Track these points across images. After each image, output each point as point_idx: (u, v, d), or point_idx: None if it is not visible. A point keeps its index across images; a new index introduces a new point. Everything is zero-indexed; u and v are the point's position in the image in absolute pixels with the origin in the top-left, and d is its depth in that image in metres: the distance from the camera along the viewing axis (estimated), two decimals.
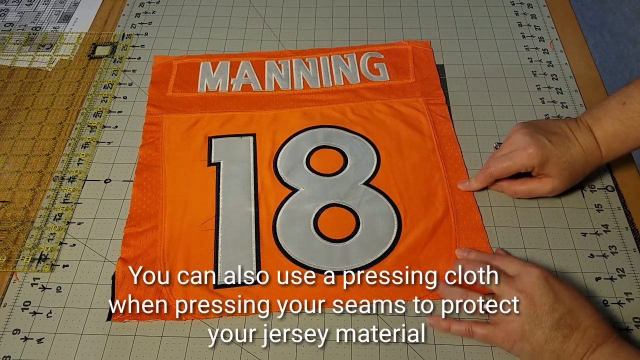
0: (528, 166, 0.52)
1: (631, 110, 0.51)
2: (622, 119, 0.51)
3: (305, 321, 0.49)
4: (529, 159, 0.52)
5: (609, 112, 0.52)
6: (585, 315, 0.43)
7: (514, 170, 0.53)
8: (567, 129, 0.53)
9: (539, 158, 0.51)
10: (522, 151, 0.52)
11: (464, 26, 0.75)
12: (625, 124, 0.51)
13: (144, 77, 0.69)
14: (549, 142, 0.51)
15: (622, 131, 0.52)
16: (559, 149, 0.51)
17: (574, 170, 0.52)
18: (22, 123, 0.64)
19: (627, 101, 0.51)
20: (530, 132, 0.53)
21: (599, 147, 0.52)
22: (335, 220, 0.54)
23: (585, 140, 0.52)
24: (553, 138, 0.52)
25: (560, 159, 0.52)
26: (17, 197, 0.58)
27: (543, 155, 0.51)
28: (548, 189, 0.53)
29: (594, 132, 0.52)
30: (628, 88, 0.52)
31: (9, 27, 0.76)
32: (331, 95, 0.66)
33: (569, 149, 0.52)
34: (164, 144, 0.61)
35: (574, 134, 0.52)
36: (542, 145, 0.51)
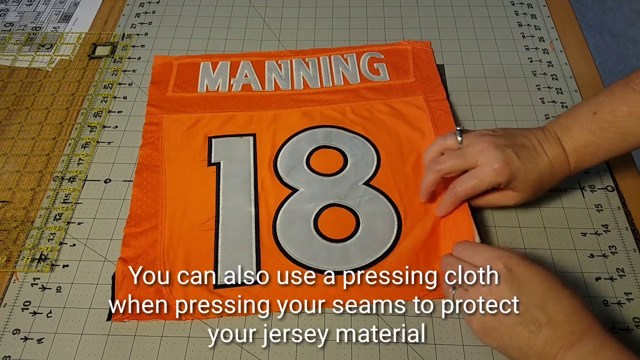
0: (495, 184, 0.50)
1: (603, 121, 0.49)
2: (594, 129, 0.49)
3: (305, 321, 0.49)
4: (497, 177, 0.49)
5: (579, 122, 0.50)
6: (559, 309, 0.40)
7: (481, 190, 0.50)
8: (536, 141, 0.50)
9: (506, 176, 0.49)
10: (489, 168, 0.49)
11: (464, 26, 0.75)
12: (596, 134, 0.49)
13: (144, 77, 0.69)
14: (517, 158, 0.49)
15: (593, 142, 0.49)
16: (527, 166, 0.49)
17: (540, 185, 0.50)
18: (22, 123, 0.64)
19: (598, 111, 0.49)
20: (499, 145, 0.49)
21: (567, 159, 0.50)
22: (335, 220, 0.54)
23: (554, 153, 0.50)
24: (521, 153, 0.49)
25: (527, 176, 0.49)
26: (17, 197, 0.58)
27: (511, 172, 0.49)
28: (510, 203, 0.52)
29: (563, 144, 0.50)
30: (599, 97, 0.50)
31: (9, 27, 0.76)
32: (331, 95, 0.66)
33: (537, 165, 0.49)
34: (164, 144, 0.61)
35: (542, 146, 0.50)
36: (510, 162, 0.49)
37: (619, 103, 0.49)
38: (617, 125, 0.49)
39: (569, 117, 0.51)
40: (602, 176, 0.58)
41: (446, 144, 0.53)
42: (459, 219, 0.53)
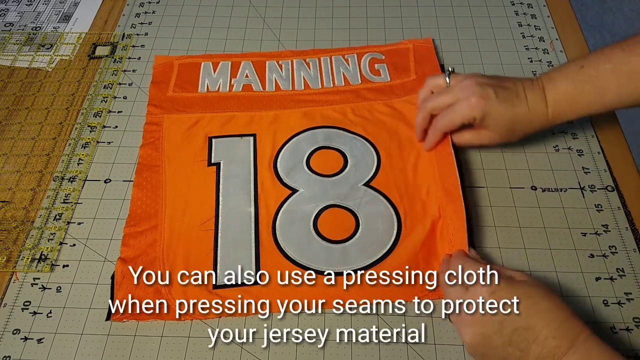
0: (470, 117, 0.52)
1: (586, 74, 0.50)
2: (576, 82, 0.51)
3: (305, 321, 0.49)
4: (470, 109, 0.51)
5: (565, 73, 0.52)
6: (543, 323, 0.40)
7: (458, 123, 0.54)
8: (521, 87, 0.53)
9: (480, 111, 0.51)
10: (465, 101, 0.52)
11: (464, 26, 0.75)
12: (577, 87, 0.51)
13: (144, 77, 0.69)
14: (495, 96, 0.51)
15: (573, 94, 0.51)
16: (503, 105, 0.51)
17: (513, 128, 0.52)
18: (22, 123, 0.64)
19: (585, 65, 0.51)
20: (480, 82, 0.52)
21: (547, 108, 0.51)
22: (335, 221, 0.54)
23: (535, 99, 0.51)
24: (501, 93, 0.51)
25: (501, 115, 0.51)
26: (17, 197, 0.58)
27: (485, 108, 0.51)
28: (484, 142, 0.54)
29: (546, 93, 0.52)
30: (590, 54, 0.52)
31: (9, 27, 0.76)
32: (332, 95, 0.66)
33: (513, 106, 0.51)
34: (164, 143, 0.61)
35: (525, 92, 0.52)
36: (486, 97, 0.51)
37: (604, 59, 0.50)
38: (597, 80, 0.50)
39: (558, 70, 0.53)
40: (602, 176, 0.58)
41: (436, 83, 0.57)
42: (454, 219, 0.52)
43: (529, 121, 0.52)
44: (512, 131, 0.53)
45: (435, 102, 0.55)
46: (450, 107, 0.54)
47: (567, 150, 0.61)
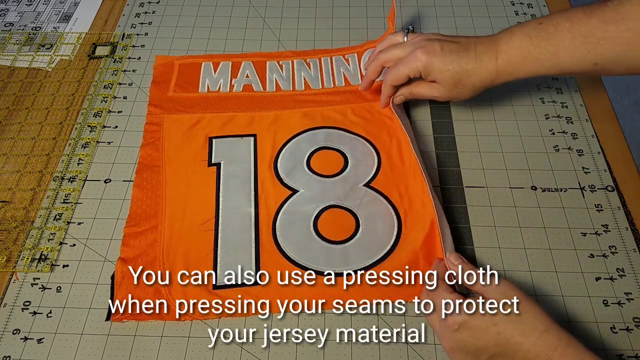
0: (415, 69, 0.53)
1: (543, 30, 0.50)
2: (532, 36, 0.51)
3: (305, 321, 0.49)
4: (415, 61, 0.53)
5: (523, 27, 0.52)
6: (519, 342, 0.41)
7: (405, 74, 0.55)
8: (472, 41, 0.53)
9: (423, 62, 0.52)
10: (412, 54, 0.54)
11: (464, 26, 0.75)
12: (532, 41, 0.51)
13: (144, 77, 0.69)
14: (440, 49, 0.52)
15: (526, 47, 0.51)
16: (447, 57, 0.52)
17: (459, 80, 0.53)
18: (22, 123, 0.64)
19: (544, 22, 0.51)
20: (430, 37, 0.54)
21: (496, 60, 0.51)
22: (335, 221, 0.54)
23: (484, 52, 0.52)
24: (447, 46, 0.52)
25: (445, 66, 0.52)
26: (17, 197, 0.58)
27: (428, 59, 0.52)
28: (435, 94, 0.56)
29: (499, 46, 0.52)
30: (552, 13, 0.52)
31: (9, 27, 0.76)
32: (332, 96, 0.66)
33: (459, 59, 0.52)
34: (165, 144, 0.61)
35: (476, 45, 0.52)
36: (430, 50, 0.52)
37: (564, 19, 0.50)
38: (554, 38, 0.50)
39: (518, 25, 0.53)
40: (602, 176, 0.58)
41: (394, 39, 0.59)
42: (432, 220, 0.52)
43: (476, 74, 0.52)
44: (460, 84, 0.53)
45: (387, 54, 0.57)
46: (400, 60, 0.55)
47: (567, 150, 0.61)
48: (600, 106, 0.65)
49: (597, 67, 0.49)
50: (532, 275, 0.51)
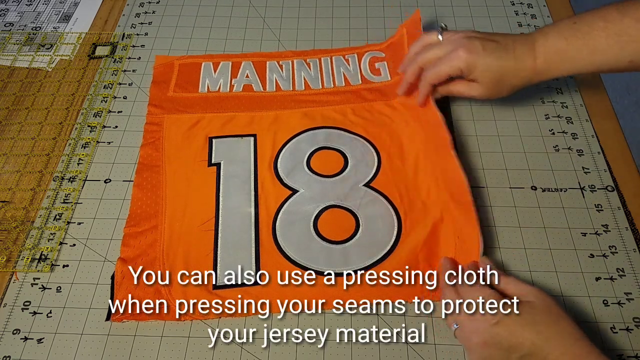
0: (456, 68, 0.53)
1: (578, 30, 0.51)
2: (567, 36, 0.51)
3: (305, 321, 0.49)
4: (457, 60, 0.53)
5: (558, 28, 0.52)
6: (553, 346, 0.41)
7: (445, 74, 0.55)
8: (510, 40, 0.53)
9: (464, 61, 0.52)
10: (453, 53, 0.53)
11: (464, 26, 0.75)
12: (568, 41, 0.51)
13: (144, 77, 0.69)
14: (482, 48, 0.52)
15: (562, 48, 0.52)
16: (489, 57, 0.52)
17: (500, 80, 0.53)
18: (22, 123, 0.64)
19: (578, 21, 0.51)
20: (470, 35, 0.54)
21: (535, 60, 0.52)
22: (335, 221, 0.54)
23: (523, 52, 0.52)
24: (488, 45, 0.52)
25: (487, 66, 0.52)
26: (17, 197, 0.58)
27: (470, 59, 0.52)
28: (474, 93, 0.55)
29: (536, 46, 0.52)
30: (585, 12, 0.52)
31: (9, 27, 0.76)
32: (332, 96, 0.66)
33: (500, 58, 0.52)
34: (165, 144, 0.61)
35: (514, 45, 0.53)
36: (472, 49, 0.52)
37: (598, 17, 0.51)
38: (589, 37, 0.51)
39: (552, 25, 0.54)
40: (602, 176, 0.58)
41: (429, 39, 0.58)
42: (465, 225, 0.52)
43: (516, 74, 0.52)
44: (500, 84, 0.53)
45: (425, 55, 0.57)
46: (440, 59, 0.55)
47: (567, 150, 0.61)
48: (600, 106, 0.65)
49: (632, 64, 0.50)
50: (532, 275, 0.51)
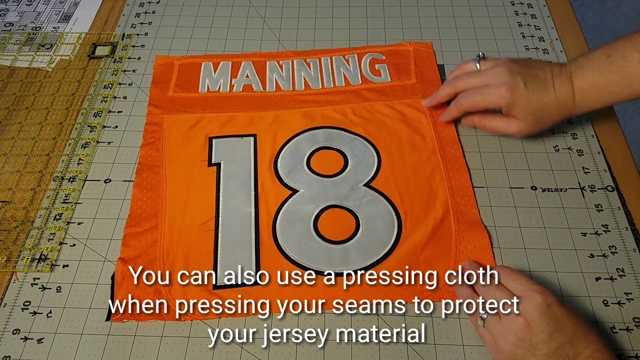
0: (497, 105, 0.53)
1: (613, 64, 0.51)
2: (603, 70, 0.51)
3: (305, 321, 0.49)
4: (499, 98, 0.53)
5: (593, 62, 0.52)
6: (586, 344, 0.42)
7: (482, 106, 0.55)
8: (549, 74, 0.53)
9: (507, 99, 0.52)
10: (495, 89, 0.53)
11: (464, 26, 0.75)
12: (604, 75, 0.51)
13: (144, 77, 0.69)
14: (524, 86, 0.52)
15: (599, 83, 0.52)
16: (531, 94, 0.52)
17: (541, 117, 0.53)
18: (22, 123, 0.64)
19: (612, 54, 0.52)
20: (512, 70, 0.53)
21: (573, 96, 0.52)
22: (335, 221, 0.54)
23: (562, 88, 0.52)
24: (530, 82, 0.52)
25: (529, 104, 0.52)
26: (17, 197, 0.58)
27: (512, 97, 0.52)
28: (513, 130, 0.55)
29: (573, 81, 0.52)
30: (616, 42, 0.52)
31: (9, 27, 0.76)
32: (332, 96, 0.66)
33: (541, 96, 0.52)
34: (165, 144, 0.61)
35: (553, 80, 0.53)
36: (515, 87, 0.52)
37: (631, 49, 0.51)
38: (625, 70, 0.51)
39: (586, 57, 0.53)
40: (602, 176, 0.58)
41: (467, 67, 0.59)
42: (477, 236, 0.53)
43: (557, 109, 0.53)
44: (541, 120, 0.53)
45: (465, 81, 0.57)
46: (477, 89, 0.55)
47: (567, 150, 0.61)
48: None
49: None
50: (532, 275, 0.51)
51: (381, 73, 0.68)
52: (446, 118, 0.60)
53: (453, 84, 0.58)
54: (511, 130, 0.56)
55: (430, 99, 0.62)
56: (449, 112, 0.60)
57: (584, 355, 0.41)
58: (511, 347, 0.42)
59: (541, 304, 0.42)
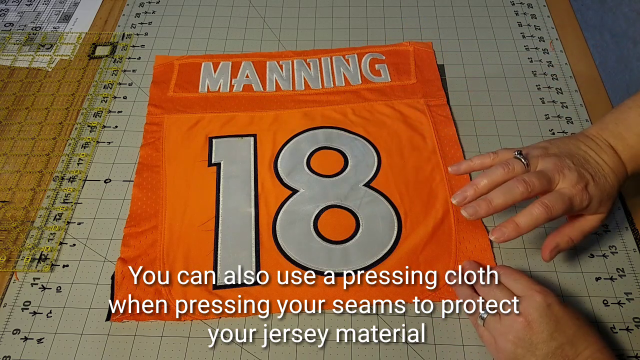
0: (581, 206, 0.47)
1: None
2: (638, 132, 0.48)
3: (305, 321, 0.49)
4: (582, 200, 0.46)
5: (631, 128, 0.49)
6: (586, 344, 0.42)
7: (572, 211, 0.47)
8: (593, 153, 0.49)
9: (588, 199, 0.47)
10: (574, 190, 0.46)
11: (464, 26, 0.75)
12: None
13: (144, 77, 0.69)
14: (592, 181, 0.47)
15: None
16: (601, 183, 0.47)
17: (613, 195, 0.49)
18: (22, 123, 0.64)
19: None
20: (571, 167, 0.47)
21: (625, 167, 0.49)
22: (335, 221, 0.54)
23: (613, 163, 0.48)
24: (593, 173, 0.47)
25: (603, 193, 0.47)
26: (17, 197, 0.58)
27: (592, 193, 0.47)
28: (598, 223, 0.49)
29: (619, 153, 0.49)
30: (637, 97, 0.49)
31: (9, 27, 0.76)
32: (332, 96, 0.66)
33: (607, 180, 0.48)
34: (165, 144, 0.61)
35: (601, 158, 0.48)
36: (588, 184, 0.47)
37: None
38: None
39: (619, 123, 0.49)
40: None
41: (514, 171, 0.48)
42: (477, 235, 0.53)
43: (618, 185, 0.49)
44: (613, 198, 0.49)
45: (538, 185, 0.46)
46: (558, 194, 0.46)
47: None
48: (600, 106, 0.65)
49: None
50: (532, 275, 0.51)
51: (381, 73, 0.68)
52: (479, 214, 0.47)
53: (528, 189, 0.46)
54: (597, 225, 0.49)
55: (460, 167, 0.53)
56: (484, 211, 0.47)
57: (584, 356, 0.41)
58: (511, 347, 0.42)
59: (542, 304, 0.42)
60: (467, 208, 0.48)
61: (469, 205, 0.48)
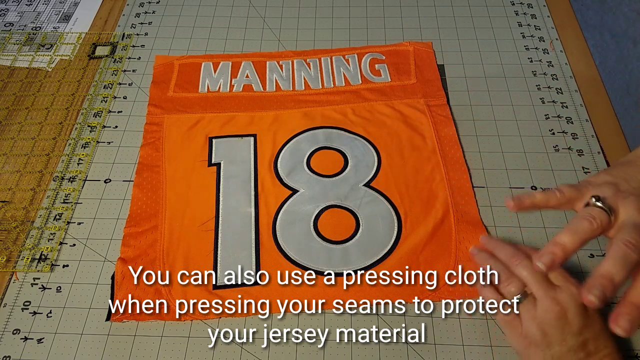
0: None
1: None
2: None
3: (305, 321, 0.49)
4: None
5: None
6: (605, 344, 0.43)
7: None
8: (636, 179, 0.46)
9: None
10: None
11: (464, 26, 0.75)
12: None
13: (144, 77, 0.69)
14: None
15: None
16: None
17: None
18: (22, 123, 0.64)
19: None
20: None
21: None
22: (335, 221, 0.54)
23: None
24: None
25: None
26: (17, 197, 0.58)
27: None
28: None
29: None
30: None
31: (9, 27, 0.76)
32: (332, 96, 0.66)
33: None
34: (165, 144, 0.61)
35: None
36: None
37: None
38: None
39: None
40: None
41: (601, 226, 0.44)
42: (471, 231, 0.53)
43: None
44: None
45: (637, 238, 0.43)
46: None
47: (567, 150, 0.61)
48: (600, 106, 0.65)
49: None
50: None
51: (381, 73, 0.68)
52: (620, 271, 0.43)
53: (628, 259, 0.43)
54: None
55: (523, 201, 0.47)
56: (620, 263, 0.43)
57: (602, 354, 0.42)
58: (539, 334, 0.42)
59: (579, 298, 0.42)
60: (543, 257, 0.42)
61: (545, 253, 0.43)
